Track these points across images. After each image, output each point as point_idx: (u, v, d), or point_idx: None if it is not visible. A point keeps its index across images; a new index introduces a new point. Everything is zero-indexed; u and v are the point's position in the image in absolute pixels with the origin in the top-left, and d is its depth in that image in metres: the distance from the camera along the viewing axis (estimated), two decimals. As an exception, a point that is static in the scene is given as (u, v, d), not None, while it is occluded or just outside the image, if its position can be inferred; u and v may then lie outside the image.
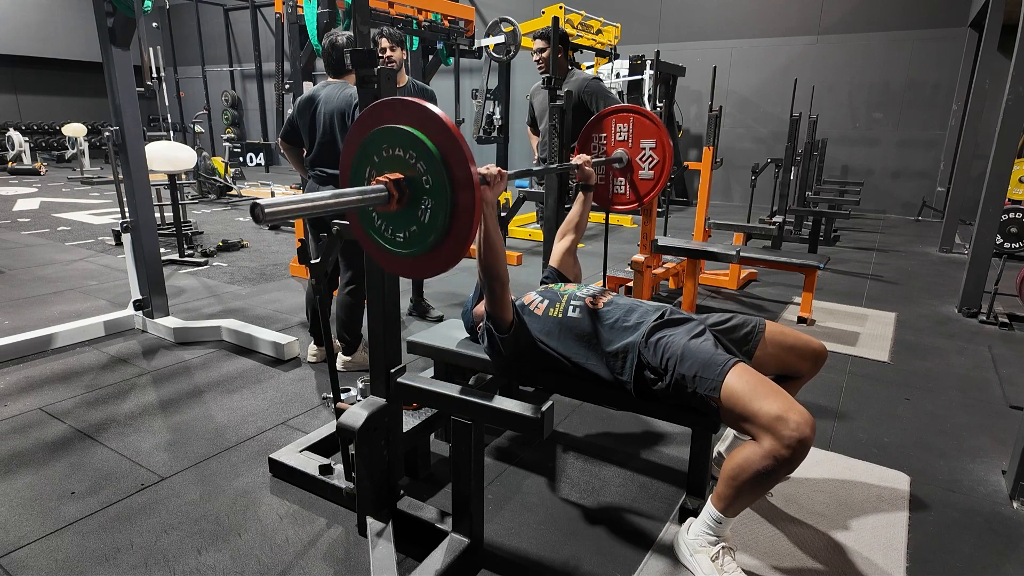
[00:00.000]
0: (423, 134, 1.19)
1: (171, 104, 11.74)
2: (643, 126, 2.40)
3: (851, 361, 3.15)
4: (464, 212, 1.20)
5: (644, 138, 2.40)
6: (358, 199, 1.17)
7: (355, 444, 1.62)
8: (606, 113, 2.48)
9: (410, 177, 1.22)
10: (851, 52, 8.60)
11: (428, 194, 1.21)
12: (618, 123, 2.44)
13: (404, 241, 1.28)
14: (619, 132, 2.45)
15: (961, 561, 1.71)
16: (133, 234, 3.28)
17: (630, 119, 2.41)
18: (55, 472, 2.05)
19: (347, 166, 1.34)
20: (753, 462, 1.45)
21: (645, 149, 2.41)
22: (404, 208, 1.25)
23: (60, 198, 8.66)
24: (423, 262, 1.29)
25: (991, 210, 3.81)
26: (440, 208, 1.20)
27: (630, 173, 2.48)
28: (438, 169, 1.18)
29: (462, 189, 1.19)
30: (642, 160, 2.43)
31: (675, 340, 1.66)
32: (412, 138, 1.20)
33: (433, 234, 1.23)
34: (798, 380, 1.87)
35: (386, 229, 1.31)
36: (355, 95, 2.56)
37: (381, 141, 1.24)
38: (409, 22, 5.14)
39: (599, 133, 2.49)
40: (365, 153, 1.28)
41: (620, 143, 2.46)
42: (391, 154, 1.24)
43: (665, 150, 2.38)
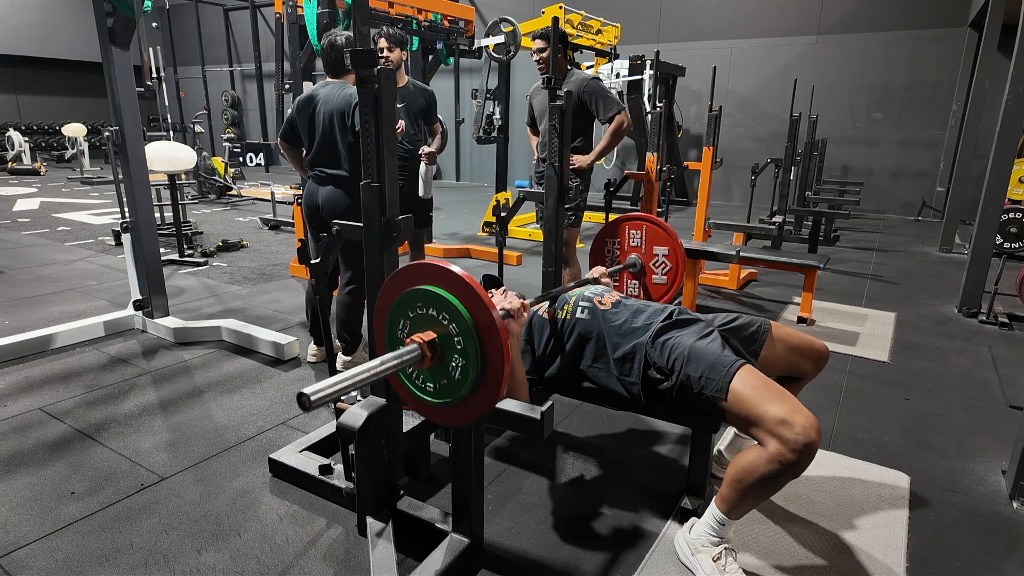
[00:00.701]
0: (457, 299, 1.24)
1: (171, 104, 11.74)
2: (656, 234, 2.47)
3: (851, 361, 3.15)
4: (493, 367, 1.23)
5: (657, 245, 2.46)
6: (396, 363, 1.21)
7: (355, 444, 1.62)
8: (620, 220, 2.53)
9: (441, 335, 1.27)
10: (851, 52, 8.60)
11: (459, 354, 1.26)
12: (631, 230, 2.50)
13: (434, 391, 1.33)
14: (632, 238, 2.50)
15: (961, 561, 1.71)
16: (133, 234, 3.28)
17: (643, 227, 2.48)
18: (55, 472, 2.05)
19: (382, 319, 1.39)
20: (758, 466, 1.45)
21: (658, 256, 2.47)
22: (435, 364, 1.29)
23: (60, 198, 8.66)
24: (454, 412, 1.33)
25: (991, 210, 3.81)
26: (470, 367, 1.25)
27: (643, 277, 2.53)
28: (468, 332, 1.23)
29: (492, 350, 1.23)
30: (655, 266, 2.48)
31: (682, 341, 1.66)
32: (444, 301, 1.25)
33: (463, 389, 1.27)
34: (800, 381, 1.88)
35: (416, 378, 1.36)
36: (354, 95, 2.56)
37: (415, 300, 1.30)
38: (409, 22, 5.14)
39: (613, 238, 2.53)
40: (400, 309, 1.33)
41: (633, 248, 2.50)
42: (424, 312, 1.29)
43: (678, 258, 2.44)
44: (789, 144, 5.65)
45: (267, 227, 6.69)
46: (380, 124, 1.48)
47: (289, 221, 6.47)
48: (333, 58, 2.72)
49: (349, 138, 2.62)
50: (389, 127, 1.50)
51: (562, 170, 2.46)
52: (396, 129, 2.86)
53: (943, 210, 7.05)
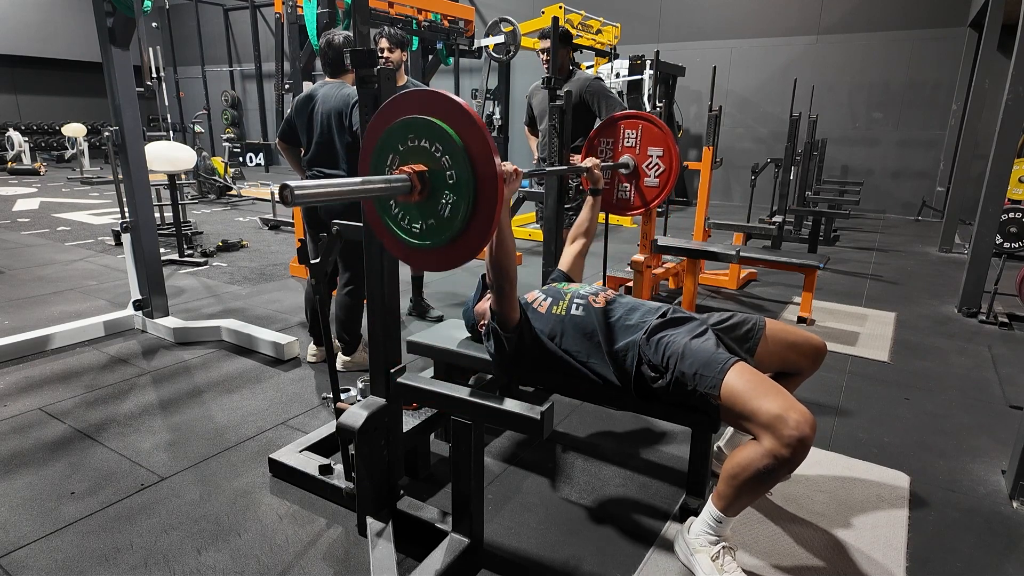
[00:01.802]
0: (451, 128, 1.17)
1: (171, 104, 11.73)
2: (651, 134, 2.40)
3: (851, 361, 3.15)
4: (484, 210, 1.18)
5: (652, 146, 2.40)
6: (383, 187, 1.16)
7: (355, 444, 1.62)
8: (616, 118, 2.48)
9: (433, 170, 1.21)
10: (851, 52, 8.60)
11: (451, 189, 1.20)
12: (627, 129, 2.44)
13: (420, 232, 1.27)
14: (627, 138, 2.45)
15: (961, 561, 1.71)
16: (133, 234, 3.28)
17: (639, 126, 2.41)
18: (55, 472, 2.05)
19: (368, 150, 1.31)
20: (753, 461, 1.45)
21: (652, 157, 2.41)
22: (424, 200, 1.23)
23: (60, 198, 8.66)
24: (438, 255, 1.28)
25: (991, 210, 3.81)
26: (461, 204, 1.19)
27: (636, 179, 2.48)
28: (464, 165, 1.17)
29: (485, 187, 1.17)
30: (648, 167, 2.43)
31: (676, 339, 1.66)
32: (440, 131, 1.18)
33: (451, 230, 1.22)
34: (798, 377, 1.88)
35: (403, 218, 1.29)
36: (353, 95, 2.56)
37: (407, 131, 1.22)
38: (409, 22, 5.14)
39: (607, 138, 2.49)
40: (389, 140, 1.26)
41: (628, 149, 2.46)
42: (416, 144, 1.22)
43: (672, 159, 2.38)
44: (789, 144, 5.66)
45: (267, 227, 6.69)
46: (380, 124, 1.48)
47: (289, 221, 6.47)
48: (331, 57, 2.72)
49: (347, 138, 2.62)
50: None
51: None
52: None
53: (943, 210, 7.05)
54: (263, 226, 6.74)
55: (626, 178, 2.51)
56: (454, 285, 4.40)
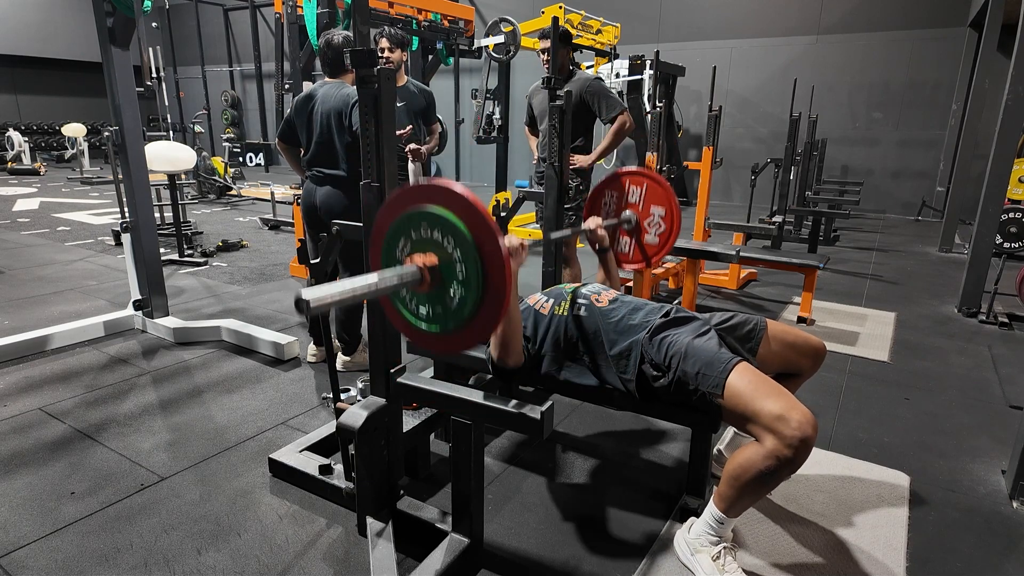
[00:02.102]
0: (464, 225, 1.19)
1: (171, 104, 11.73)
2: (655, 192, 2.42)
3: (851, 361, 3.15)
4: (492, 302, 1.19)
5: (655, 204, 2.42)
6: (396, 283, 1.18)
7: (355, 444, 1.62)
8: (621, 173, 2.51)
9: (444, 261, 1.23)
10: (851, 52, 8.60)
11: (460, 283, 1.21)
12: (631, 184, 2.46)
13: (428, 317, 1.29)
14: (631, 194, 2.47)
15: (961, 561, 1.71)
16: (133, 234, 3.28)
17: (643, 183, 2.44)
18: (55, 472, 2.05)
19: (382, 232, 1.33)
20: (755, 462, 1.45)
21: (654, 215, 2.43)
22: (433, 289, 1.25)
23: (60, 198, 8.66)
24: (445, 340, 1.30)
25: (991, 210, 3.81)
26: (470, 298, 1.21)
27: (637, 235, 2.50)
28: (474, 262, 1.19)
29: (494, 281, 1.18)
30: (649, 225, 2.45)
31: (679, 339, 1.66)
32: (453, 226, 1.20)
33: (458, 319, 1.24)
34: (798, 378, 1.88)
35: (411, 301, 1.31)
36: (352, 95, 2.56)
37: (421, 220, 1.24)
38: (409, 22, 5.13)
39: (611, 190, 2.51)
40: (404, 226, 1.27)
41: (631, 205, 2.48)
42: (428, 235, 1.24)
43: (674, 220, 2.40)
44: (789, 144, 5.66)
45: (267, 227, 6.69)
46: (380, 124, 1.48)
47: (289, 221, 6.47)
48: (330, 57, 2.71)
49: (347, 138, 2.62)
50: (389, 127, 1.50)
51: (562, 170, 2.46)
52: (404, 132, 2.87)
53: (943, 210, 7.05)
54: (263, 226, 6.74)
55: (627, 233, 2.53)
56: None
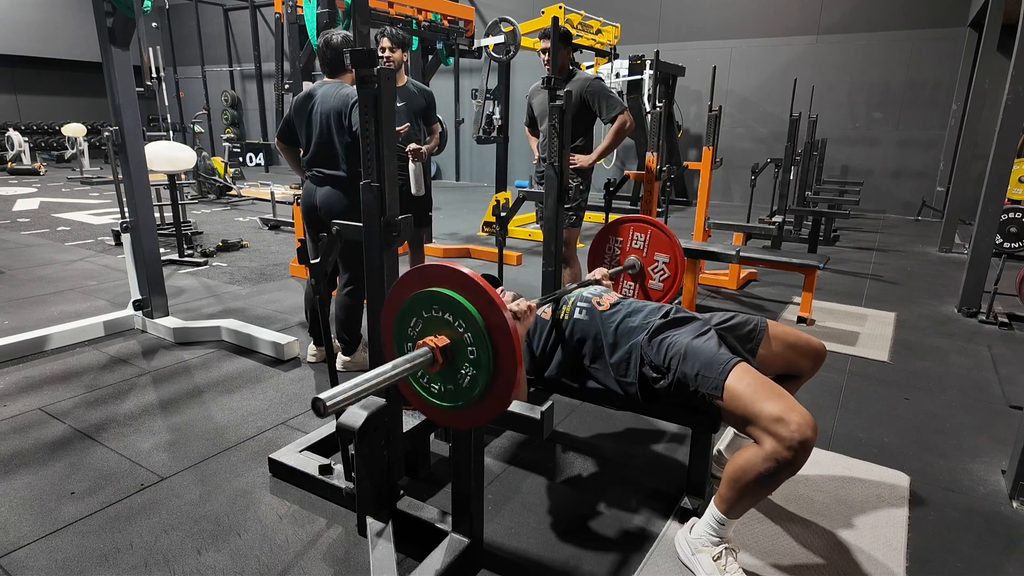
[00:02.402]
0: (475, 309, 1.21)
1: (171, 104, 11.74)
2: (659, 240, 2.43)
3: (851, 361, 3.15)
4: (503, 381, 1.21)
5: (659, 252, 2.44)
6: (409, 367, 1.20)
7: (355, 444, 1.62)
8: (624, 220, 2.52)
9: (454, 340, 1.25)
10: (851, 52, 8.60)
11: (471, 363, 1.24)
12: (635, 231, 2.47)
13: (439, 394, 1.32)
14: (635, 240, 2.48)
15: (961, 561, 1.71)
16: (133, 234, 3.28)
17: (647, 231, 2.45)
18: (55, 472, 2.05)
19: (391, 315, 1.36)
20: (755, 464, 1.45)
21: (658, 262, 2.44)
22: (444, 369, 1.28)
23: (60, 198, 8.66)
24: (457, 416, 1.32)
25: (991, 210, 3.81)
26: (480, 378, 1.23)
27: (641, 280, 2.51)
28: (485, 345, 1.21)
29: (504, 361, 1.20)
30: (654, 271, 2.46)
31: (679, 339, 1.66)
32: (463, 310, 1.22)
33: (469, 398, 1.26)
34: (798, 379, 1.88)
35: (422, 377, 1.34)
36: (352, 95, 2.55)
37: (432, 301, 1.27)
38: (409, 22, 5.13)
39: (615, 237, 2.52)
40: (415, 306, 1.30)
41: (635, 251, 2.49)
42: (437, 315, 1.27)
43: (678, 266, 2.41)
44: (789, 144, 5.65)
45: (267, 227, 6.69)
46: (380, 124, 1.48)
47: (289, 221, 6.47)
48: (329, 57, 2.71)
49: (346, 138, 2.61)
50: (389, 127, 1.50)
51: (562, 170, 2.46)
52: (402, 128, 2.86)
53: (943, 210, 7.05)
54: (263, 226, 6.74)
55: (631, 278, 2.54)
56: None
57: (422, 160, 3.24)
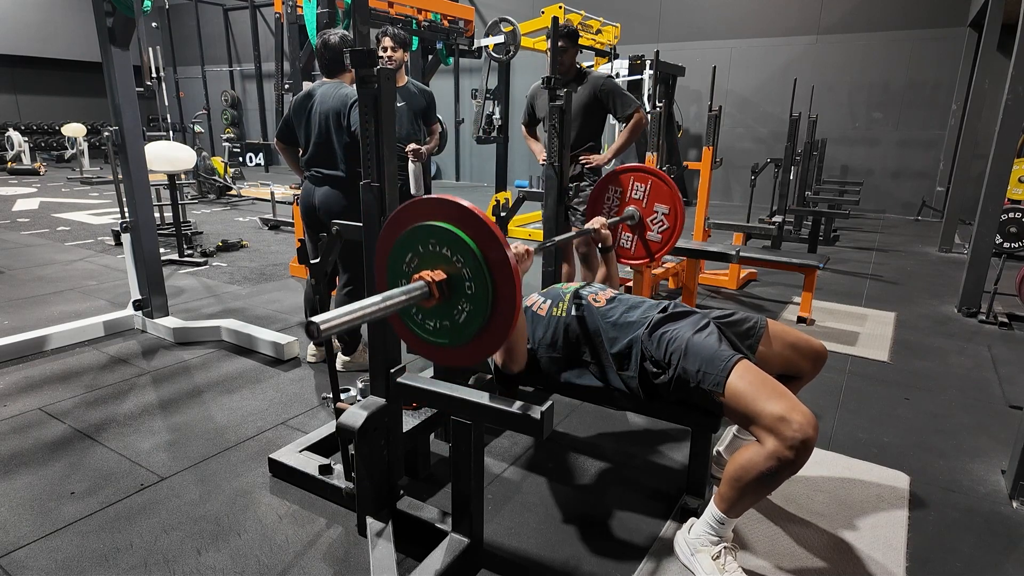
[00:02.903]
0: (475, 243, 1.18)
1: (171, 104, 11.74)
2: (659, 190, 2.40)
3: (851, 361, 3.15)
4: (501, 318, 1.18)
5: (659, 202, 2.40)
6: (404, 299, 1.17)
7: (355, 444, 1.62)
8: (625, 169, 2.50)
9: (452, 275, 1.22)
10: (851, 52, 8.61)
11: (467, 299, 1.20)
12: (636, 181, 2.45)
13: (434, 330, 1.28)
14: (635, 190, 2.46)
15: (961, 561, 1.71)
16: (133, 234, 3.28)
17: (648, 180, 2.42)
18: (55, 472, 2.04)
19: (385, 251, 1.32)
20: (756, 463, 1.45)
21: (657, 213, 2.42)
22: (440, 304, 1.24)
23: (60, 198, 8.66)
24: (452, 353, 1.30)
25: (991, 210, 3.81)
26: (478, 315, 1.20)
27: (640, 231, 2.49)
28: (483, 280, 1.17)
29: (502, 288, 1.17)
30: (653, 222, 2.44)
31: (679, 334, 1.66)
32: (463, 244, 1.18)
33: (466, 335, 1.23)
34: (798, 381, 1.88)
35: (416, 314, 1.30)
36: (351, 95, 2.56)
37: (430, 235, 1.23)
38: (409, 22, 5.13)
39: (616, 187, 2.50)
40: (411, 240, 1.26)
41: (634, 201, 2.46)
42: (434, 250, 1.23)
43: (677, 217, 2.39)
44: (789, 144, 5.66)
45: (267, 227, 6.69)
46: (380, 124, 1.48)
47: (289, 221, 6.47)
48: (327, 58, 2.71)
49: (345, 138, 2.61)
50: (389, 127, 1.50)
51: (562, 170, 2.46)
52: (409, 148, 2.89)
53: (943, 210, 7.05)
54: (263, 226, 6.74)
55: (630, 228, 2.52)
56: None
57: (422, 160, 3.23)
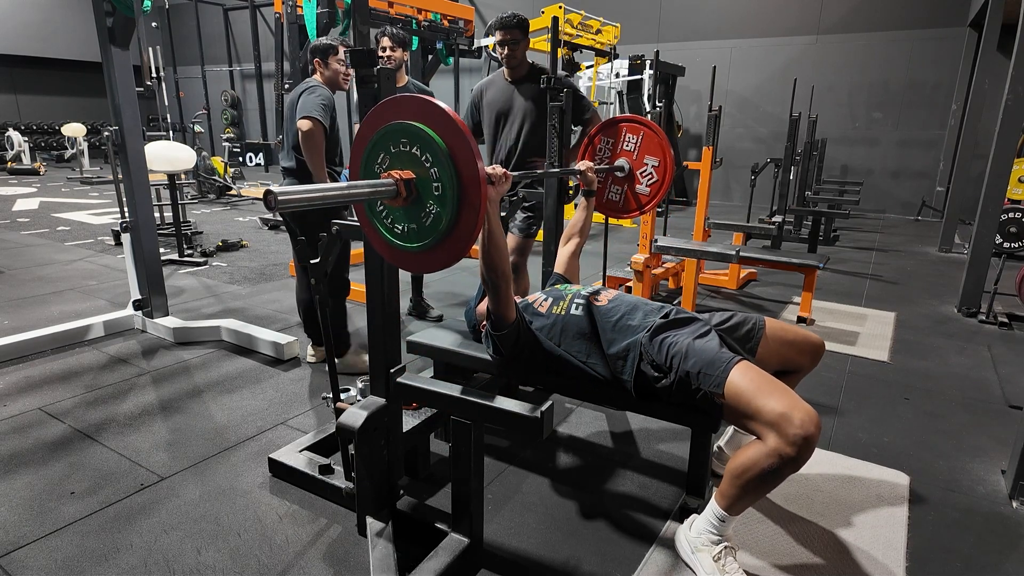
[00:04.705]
0: (441, 139, 1.19)
1: (171, 104, 11.74)
2: (651, 142, 2.39)
3: (851, 361, 3.15)
4: (467, 217, 1.19)
5: (649, 155, 2.40)
6: (369, 191, 1.18)
7: (355, 444, 1.62)
8: (618, 120, 2.48)
9: (420, 177, 1.23)
10: (851, 52, 8.61)
11: (435, 199, 1.21)
12: (628, 132, 2.43)
13: (403, 234, 1.29)
14: (627, 142, 2.44)
15: (961, 560, 1.71)
16: (133, 234, 3.28)
17: (640, 132, 2.41)
18: (54, 472, 2.05)
19: (361, 146, 1.32)
20: (758, 461, 1.45)
21: (647, 165, 2.41)
22: (409, 205, 1.25)
23: (60, 198, 8.66)
24: (421, 258, 1.30)
25: (991, 210, 3.81)
26: (444, 214, 1.21)
27: (630, 183, 2.48)
28: (449, 175, 1.18)
29: (469, 195, 1.18)
30: (642, 175, 2.43)
31: (680, 339, 1.66)
32: (429, 140, 1.19)
33: (433, 235, 1.24)
34: (797, 374, 1.89)
35: (387, 217, 1.31)
36: (305, 86, 2.72)
37: (400, 135, 1.24)
38: (409, 22, 5.13)
39: (608, 137, 2.49)
40: (382, 141, 1.27)
41: (625, 153, 2.45)
42: (407, 150, 1.24)
43: (666, 171, 2.38)
44: (789, 144, 5.66)
45: (267, 227, 6.69)
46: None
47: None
48: (302, 61, 2.85)
49: (295, 127, 2.71)
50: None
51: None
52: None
53: (943, 210, 7.05)
54: (263, 226, 6.74)
55: (619, 181, 2.50)
56: (454, 285, 4.39)
57: None
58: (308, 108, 2.64)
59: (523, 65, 2.92)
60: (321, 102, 2.66)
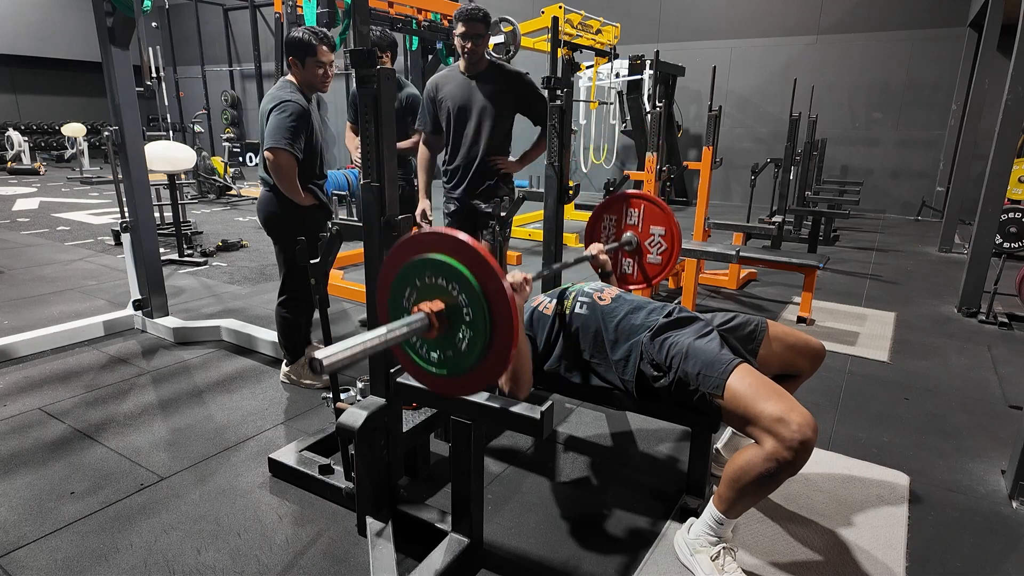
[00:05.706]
0: (468, 270, 1.20)
1: (171, 104, 11.74)
2: (653, 213, 2.43)
3: (851, 361, 3.15)
4: (502, 333, 1.20)
5: (654, 224, 2.43)
6: (406, 332, 1.18)
7: (355, 444, 1.62)
8: (618, 197, 2.50)
9: (450, 305, 1.24)
10: (851, 52, 8.61)
11: (467, 325, 1.23)
12: (629, 207, 2.47)
13: (438, 361, 1.30)
14: (629, 216, 2.48)
15: (960, 560, 1.71)
16: (132, 234, 3.28)
17: (641, 205, 2.45)
18: (54, 472, 2.05)
19: (385, 290, 1.34)
20: (755, 464, 1.45)
21: (654, 235, 2.44)
22: (442, 335, 1.26)
23: (59, 198, 8.65)
24: (455, 383, 1.31)
25: (991, 210, 3.81)
26: (478, 340, 1.22)
27: (639, 256, 2.50)
28: (479, 305, 1.19)
29: (498, 312, 1.20)
30: (651, 245, 2.46)
31: (681, 340, 1.67)
32: (457, 272, 1.21)
33: (468, 362, 1.25)
34: (797, 379, 1.89)
35: (420, 347, 1.32)
36: (273, 92, 2.48)
37: (425, 268, 1.25)
38: (408, 22, 5.13)
39: (610, 215, 2.52)
40: (408, 275, 1.28)
41: (630, 226, 2.48)
42: (433, 282, 1.25)
43: (674, 238, 2.41)
44: (789, 144, 5.65)
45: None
46: (380, 124, 1.48)
47: (289, 221, 6.46)
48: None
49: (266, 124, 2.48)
50: (389, 127, 1.50)
51: (562, 170, 2.46)
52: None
53: (943, 210, 7.05)
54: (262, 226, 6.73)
55: (629, 254, 2.53)
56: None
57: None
58: (275, 137, 2.38)
59: (482, 60, 2.84)
60: (290, 124, 2.38)
